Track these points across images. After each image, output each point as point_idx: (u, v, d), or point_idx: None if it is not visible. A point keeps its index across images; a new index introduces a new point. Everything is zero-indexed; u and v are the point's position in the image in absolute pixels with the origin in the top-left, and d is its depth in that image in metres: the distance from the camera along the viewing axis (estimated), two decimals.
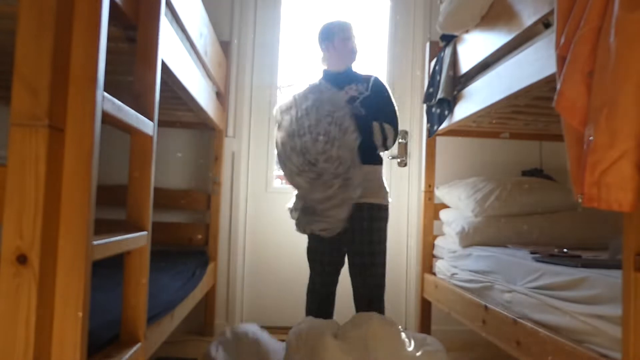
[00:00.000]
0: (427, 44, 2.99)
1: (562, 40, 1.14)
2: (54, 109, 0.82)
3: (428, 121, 2.70)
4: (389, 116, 2.22)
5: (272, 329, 2.37)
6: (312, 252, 2.30)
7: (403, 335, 1.93)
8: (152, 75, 1.27)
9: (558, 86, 1.13)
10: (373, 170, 2.20)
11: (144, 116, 1.21)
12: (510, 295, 1.83)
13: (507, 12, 1.82)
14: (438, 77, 2.54)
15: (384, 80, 2.33)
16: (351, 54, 2.29)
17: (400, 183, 3.14)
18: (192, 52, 1.96)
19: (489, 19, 2.03)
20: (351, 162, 2.02)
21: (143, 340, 1.26)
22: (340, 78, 2.26)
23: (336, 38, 2.25)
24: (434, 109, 2.60)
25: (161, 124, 1.37)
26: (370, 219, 2.16)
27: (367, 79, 2.28)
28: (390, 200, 2.27)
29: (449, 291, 2.39)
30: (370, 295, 2.17)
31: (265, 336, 2.18)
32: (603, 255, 1.94)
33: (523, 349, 1.62)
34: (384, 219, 2.22)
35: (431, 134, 2.68)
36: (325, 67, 2.33)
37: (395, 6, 3.23)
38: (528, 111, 2.30)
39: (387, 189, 2.26)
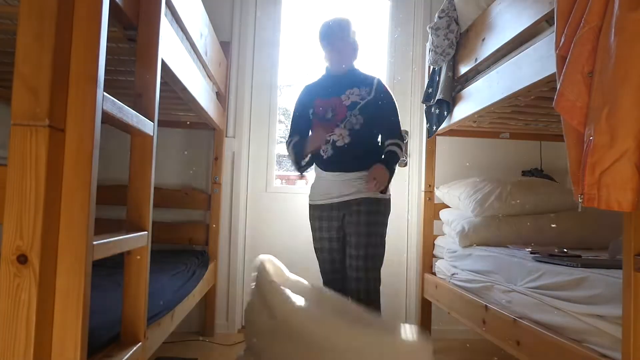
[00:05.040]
0: (427, 44, 2.99)
1: (562, 40, 1.14)
2: (54, 109, 0.82)
3: (427, 121, 2.70)
4: (393, 128, 2.23)
5: None
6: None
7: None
8: (152, 75, 1.27)
9: (558, 86, 1.13)
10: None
11: (144, 116, 1.21)
12: (510, 295, 1.83)
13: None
14: (437, 78, 2.54)
15: (384, 81, 2.32)
16: (352, 51, 2.27)
17: (400, 183, 3.14)
18: (192, 52, 1.96)
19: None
20: None
21: (143, 340, 1.26)
22: (342, 80, 2.25)
23: (334, 37, 2.25)
24: (433, 109, 2.60)
25: (161, 124, 1.37)
26: (367, 212, 2.17)
27: (370, 81, 2.25)
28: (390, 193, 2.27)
29: (449, 291, 2.39)
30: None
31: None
32: (603, 255, 1.94)
33: (523, 349, 1.62)
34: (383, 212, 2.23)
35: (430, 134, 2.68)
36: (328, 65, 2.31)
37: (395, 6, 3.23)
38: (528, 111, 2.30)
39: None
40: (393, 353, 1.59)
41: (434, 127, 2.59)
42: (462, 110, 2.30)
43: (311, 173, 2.39)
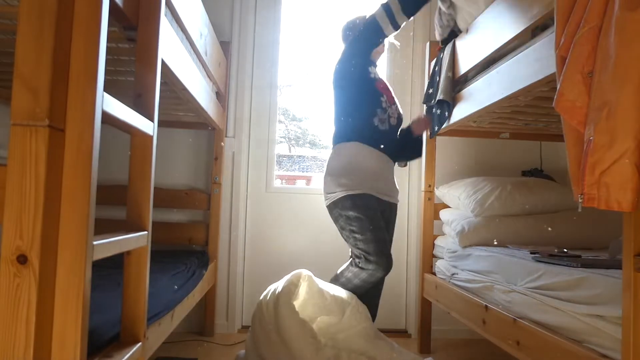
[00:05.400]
0: (427, 44, 2.99)
1: (562, 40, 1.14)
2: (54, 109, 0.82)
3: None
4: None
5: None
6: None
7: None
8: (152, 75, 1.27)
9: (558, 86, 1.13)
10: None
11: (144, 116, 1.21)
12: (510, 295, 1.83)
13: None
14: (437, 78, 2.54)
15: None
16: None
17: (400, 183, 3.14)
18: (192, 52, 1.96)
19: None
20: None
21: (143, 340, 1.26)
22: None
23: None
24: (434, 110, 2.60)
25: (161, 124, 1.37)
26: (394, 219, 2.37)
27: None
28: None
29: (449, 291, 2.39)
30: None
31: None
32: (603, 255, 1.94)
33: (523, 349, 1.62)
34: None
35: (432, 134, 2.68)
36: (371, 58, 2.37)
37: None
38: (528, 111, 2.29)
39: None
40: None
41: (436, 128, 2.59)
42: (462, 110, 2.30)
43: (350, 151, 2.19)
